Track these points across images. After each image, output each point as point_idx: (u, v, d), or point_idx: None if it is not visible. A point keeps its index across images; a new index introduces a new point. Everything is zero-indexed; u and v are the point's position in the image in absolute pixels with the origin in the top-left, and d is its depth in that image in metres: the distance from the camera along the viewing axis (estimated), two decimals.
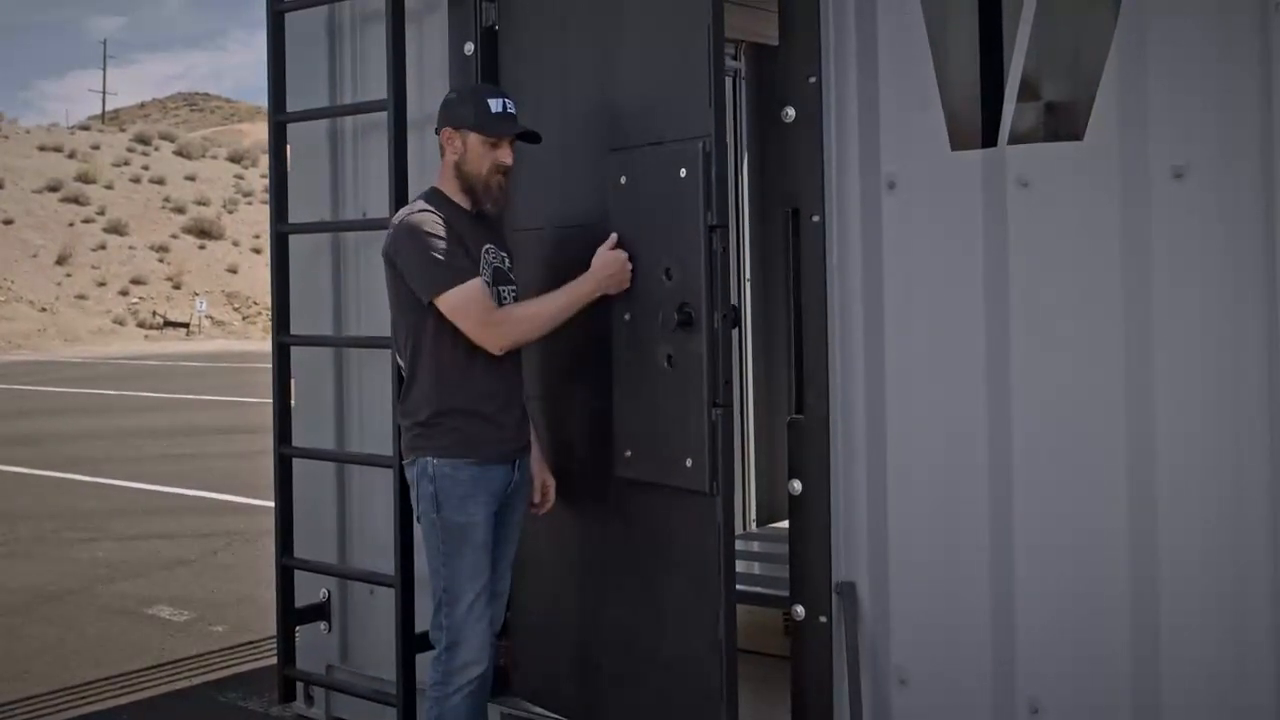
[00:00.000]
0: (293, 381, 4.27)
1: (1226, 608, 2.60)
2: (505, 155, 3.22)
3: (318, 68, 4.26)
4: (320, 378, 4.30)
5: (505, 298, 3.25)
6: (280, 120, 4.13)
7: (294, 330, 4.21)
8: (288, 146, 4.23)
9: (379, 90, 3.85)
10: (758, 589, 4.18)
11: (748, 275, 5.63)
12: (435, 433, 3.19)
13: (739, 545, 5.06)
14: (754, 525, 5.58)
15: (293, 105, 4.17)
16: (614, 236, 3.26)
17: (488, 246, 3.25)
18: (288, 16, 4.16)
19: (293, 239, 4.22)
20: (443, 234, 3.14)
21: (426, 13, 3.91)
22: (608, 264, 3.22)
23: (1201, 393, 2.60)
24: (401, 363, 3.31)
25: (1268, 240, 2.52)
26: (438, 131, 3.27)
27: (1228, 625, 2.59)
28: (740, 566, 4.61)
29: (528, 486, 3.38)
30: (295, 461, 4.20)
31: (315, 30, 4.26)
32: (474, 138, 3.20)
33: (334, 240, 4.26)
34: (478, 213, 3.26)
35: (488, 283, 3.18)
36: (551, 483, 3.46)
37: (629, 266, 3.22)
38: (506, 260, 3.32)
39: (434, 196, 3.26)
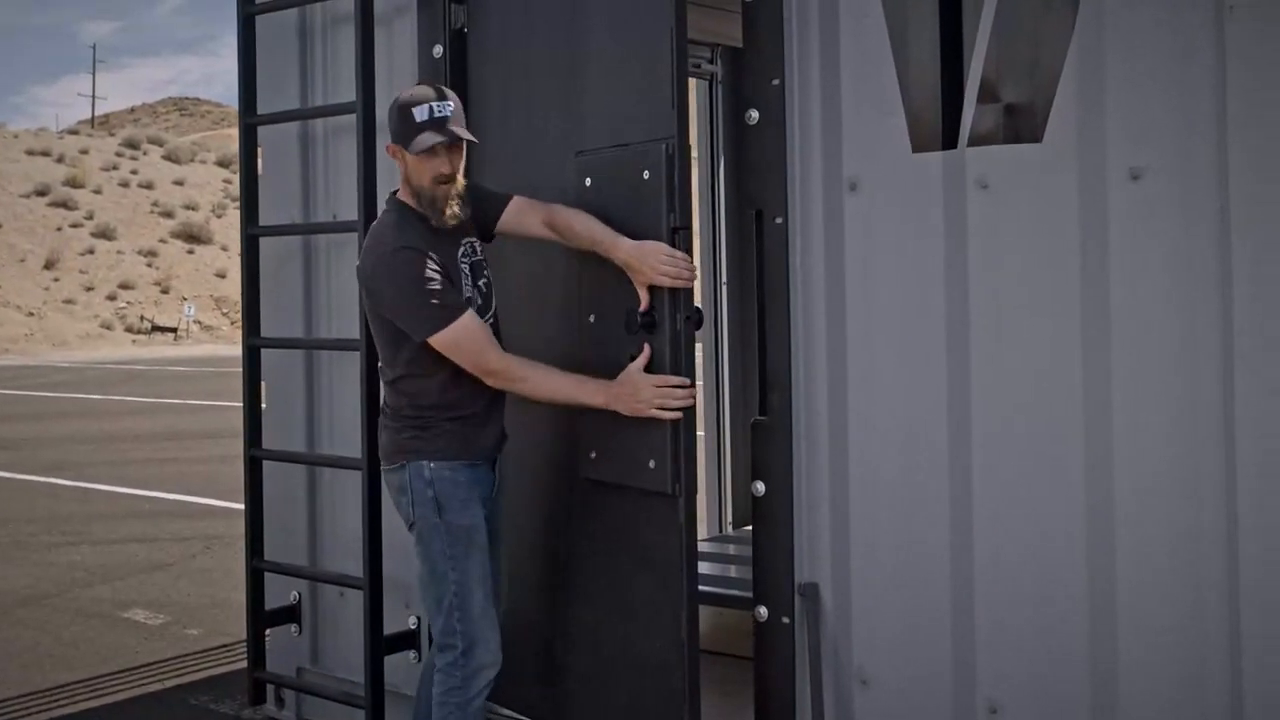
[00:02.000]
0: (264, 384, 4.26)
1: (1184, 609, 2.60)
2: (442, 164, 3.02)
3: (289, 70, 4.25)
4: (291, 380, 4.29)
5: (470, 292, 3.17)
6: (250, 123, 4.13)
7: (265, 333, 4.20)
8: (259, 149, 4.23)
9: (350, 93, 3.85)
10: (729, 591, 4.17)
11: (724, 278, 5.63)
12: (429, 435, 3.11)
13: (714, 548, 5.09)
14: (730, 528, 5.59)
15: (266, 107, 4.16)
16: (646, 353, 3.04)
17: (462, 249, 3.16)
18: (259, 19, 4.16)
19: (264, 242, 4.22)
20: (423, 270, 2.98)
21: (396, 16, 3.91)
22: (636, 390, 3.01)
23: (1158, 391, 2.61)
24: (382, 363, 3.21)
25: (1222, 240, 2.53)
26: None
27: (1185, 627, 2.60)
28: (715, 569, 4.63)
29: (500, 491, 3.33)
30: (266, 464, 4.20)
31: (287, 33, 4.26)
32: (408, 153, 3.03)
33: (305, 243, 4.26)
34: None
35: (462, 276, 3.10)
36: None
37: (651, 399, 3.00)
38: (481, 257, 3.22)
39: (400, 214, 3.12)
